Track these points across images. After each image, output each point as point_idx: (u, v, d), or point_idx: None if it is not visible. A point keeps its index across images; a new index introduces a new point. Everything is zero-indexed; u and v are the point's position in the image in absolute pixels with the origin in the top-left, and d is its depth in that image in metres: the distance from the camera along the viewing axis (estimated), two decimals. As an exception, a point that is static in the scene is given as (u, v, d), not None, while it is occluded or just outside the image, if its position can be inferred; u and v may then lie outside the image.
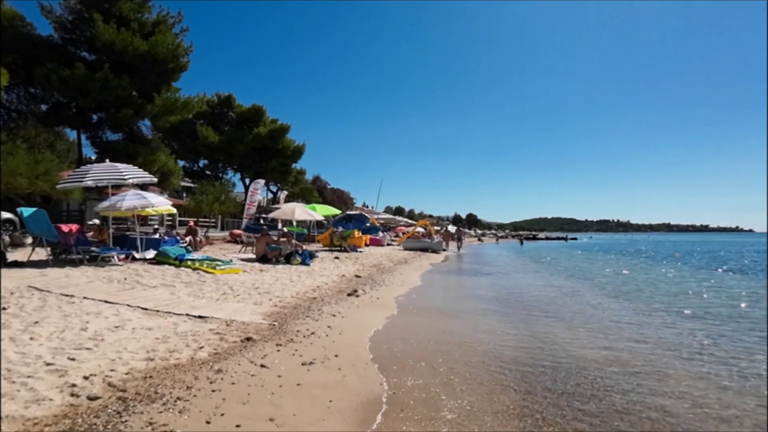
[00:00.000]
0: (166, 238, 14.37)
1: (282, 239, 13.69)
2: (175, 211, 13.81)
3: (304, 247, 16.70)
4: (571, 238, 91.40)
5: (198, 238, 16.71)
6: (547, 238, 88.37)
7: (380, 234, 27.19)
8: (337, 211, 18.54)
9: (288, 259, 12.88)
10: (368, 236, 23.43)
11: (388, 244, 26.82)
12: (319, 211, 16.70)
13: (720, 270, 18.48)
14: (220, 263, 10.06)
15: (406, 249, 24.08)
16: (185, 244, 12.45)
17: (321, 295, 8.51)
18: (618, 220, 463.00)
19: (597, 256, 31.58)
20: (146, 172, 10.97)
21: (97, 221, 11.64)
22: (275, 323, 5.93)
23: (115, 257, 10.02)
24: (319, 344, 5.18)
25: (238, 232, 21.51)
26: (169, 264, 10.23)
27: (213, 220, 35.65)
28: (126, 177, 9.77)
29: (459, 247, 33.65)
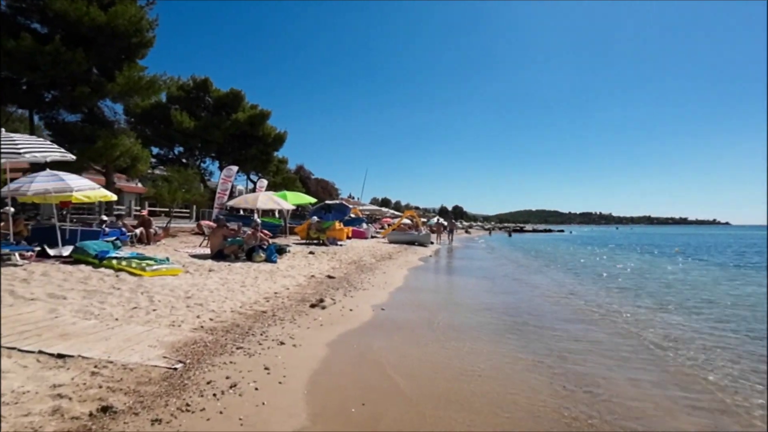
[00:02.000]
0: (106, 230, 12.05)
1: (244, 230, 11.45)
2: (114, 197, 11.42)
3: (275, 240, 14.48)
4: (558, 231, 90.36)
5: (152, 230, 14.38)
6: (534, 231, 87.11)
7: (364, 226, 25.03)
8: (311, 199, 16.19)
9: (250, 256, 10.66)
10: (350, 228, 21.25)
11: (372, 237, 24.65)
12: (290, 200, 14.41)
13: (753, 270, 16.14)
14: (152, 262, 7.80)
15: (391, 242, 21.93)
16: (111, 240, 10.09)
17: (275, 306, 6.33)
18: (600, 213, 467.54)
19: (596, 249, 29.66)
20: (57, 147, 8.51)
21: (11, 209, 9.15)
22: (180, 364, 3.74)
23: (16, 255, 7.67)
24: (234, 413, 3.02)
25: (206, 222, 19.21)
26: (88, 263, 7.94)
27: (188, 210, 33.12)
28: (21, 151, 7.37)
29: (451, 240, 31.92)
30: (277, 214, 23.97)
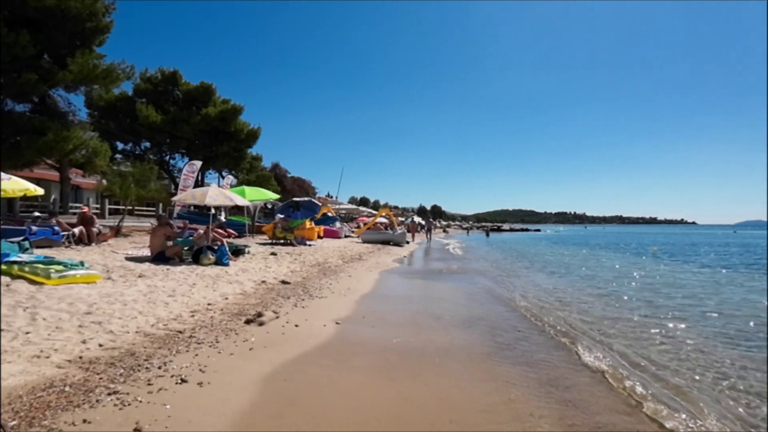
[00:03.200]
0: (33, 228, 10.50)
1: (191, 228, 10.06)
2: (40, 191, 9.83)
3: (233, 240, 13.13)
4: (535, 230, 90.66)
5: (95, 229, 12.80)
6: (511, 230, 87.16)
7: (337, 225, 23.73)
8: (273, 195, 14.71)
9: (197, 258, 9.27)
10: (321, 227, 19.95)
11: (346, 236, 23.38)
12: (248, 196, 12.95)
13: (745, 272, 14.80)
14: (61, 268, 6.38)
15: (365, 241, 20.71)
16: (18, 240, 8.58)
17: (199, 323, 5.02)
18: (575, 212, 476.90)
19: (577, 249, 28.74)
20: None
21: None
22: (-4, 431, 2.44)
23: None
24: None
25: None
26: (-19, 269, 6.48)
27: (153, 209, 31.17)
28: None
29: (429, 239, 31.07)
30: (253, 212, 22.42)
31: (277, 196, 16.30)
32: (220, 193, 10.07)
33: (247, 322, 5.15)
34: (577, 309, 7.66)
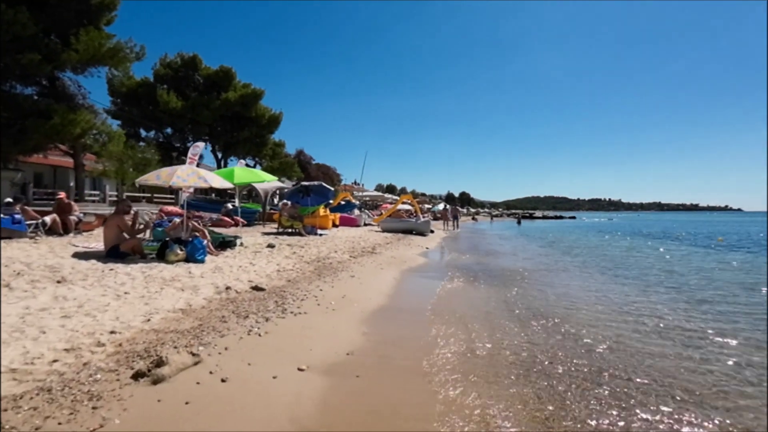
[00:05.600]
0: (-11, 217, 8.79)
1: (170, 214, 8.06)
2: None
3: (220, 230, 11.15)
4: (570, 217, 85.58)
5: (73, 217, 11.11)
6: (545, 217, 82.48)
7: (356, 212, 21.55)
8: (270, 177, 12.47)
9: (162, 254, 7.25)
10: (337, 215, 17.85)
11: (366, 224, 21.17)
12: (237, 177, 10.73)
13: None
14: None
15: (384, 230, 18.43)
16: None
17: (48, 380, 2.86)
18: (609, 199, 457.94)
19: (630, 240, 23.73)
20: None
21: None
22: None
23: None
24: None
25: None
26: None
27: (172, 197, 30.01)
28: None
29: (456, 226, 28.70)
30: (264, 198, 20.46)
31: (275, 178, 14.15)
32: (193, 172, 7.99)
33: (136, 376, 2.97)
34: (706, 360, 5.01)
